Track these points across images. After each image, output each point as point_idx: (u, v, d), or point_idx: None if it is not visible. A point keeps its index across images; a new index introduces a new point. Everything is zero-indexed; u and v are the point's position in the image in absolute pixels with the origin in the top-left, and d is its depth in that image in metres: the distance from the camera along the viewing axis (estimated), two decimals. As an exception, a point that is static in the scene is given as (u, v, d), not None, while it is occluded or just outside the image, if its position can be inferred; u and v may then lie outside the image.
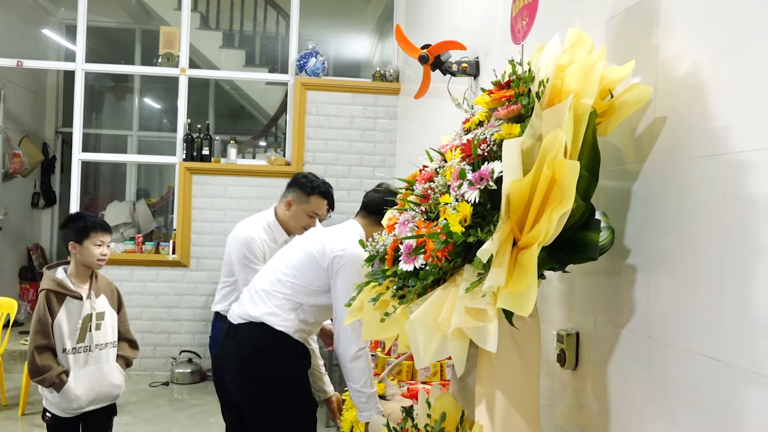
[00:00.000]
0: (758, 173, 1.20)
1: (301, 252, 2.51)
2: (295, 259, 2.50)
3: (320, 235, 2.55)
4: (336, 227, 2.61)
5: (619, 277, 1.64)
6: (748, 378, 1.20)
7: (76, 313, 2.77)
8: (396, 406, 2.47)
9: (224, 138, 6.16)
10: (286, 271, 2.49)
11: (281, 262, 2.55)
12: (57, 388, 2.71)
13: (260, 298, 2.49)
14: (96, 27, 7.00)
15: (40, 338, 2.71)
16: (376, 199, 2.58)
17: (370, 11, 7.94)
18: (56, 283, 2.76)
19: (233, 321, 2.54)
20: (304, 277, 2.45)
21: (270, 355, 2.43)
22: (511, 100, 1.47)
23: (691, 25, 1.42)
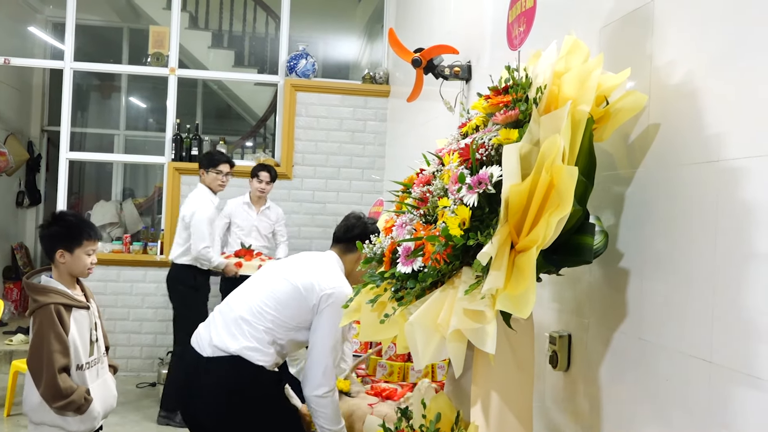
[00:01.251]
0: (750, 180, 1.23)
1: (285, 285, 2.38)
2: (278, 291, 2.37)
3: (307, 268, 2.44)
4: (320, 260, 2.51)
5: (612, 280, 1.67)
6: (739, 380, 1.23)
7: (86, 325, 2.52)
8: (361, 402, 2.48)
9: (213, 138, 6.15)
10: (269, 302, 2.36)
11: (263, 291, 2.40)
12: (83, 411, 2.41)
13: (239, 328, 2.34)
14: (84, 25, 6.95)
15: (62, 358, 2.38)
16: (351, 229, 2.52)
17: (359, 13, 7.95)
18: (62, 295, 2.48)
19: (203, 353, 2.36)
20: (287, 312, 2.34)
21: (249, 389, 2.32)
22: (508, 106, 1.49)
23: (684, 33, 1.46)
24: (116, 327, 5.56)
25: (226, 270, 4.63)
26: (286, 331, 2.34)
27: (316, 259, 2.53)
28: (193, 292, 4.58)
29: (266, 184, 4.98)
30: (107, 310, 5.51)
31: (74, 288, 2.59)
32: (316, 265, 2.47)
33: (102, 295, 5.43)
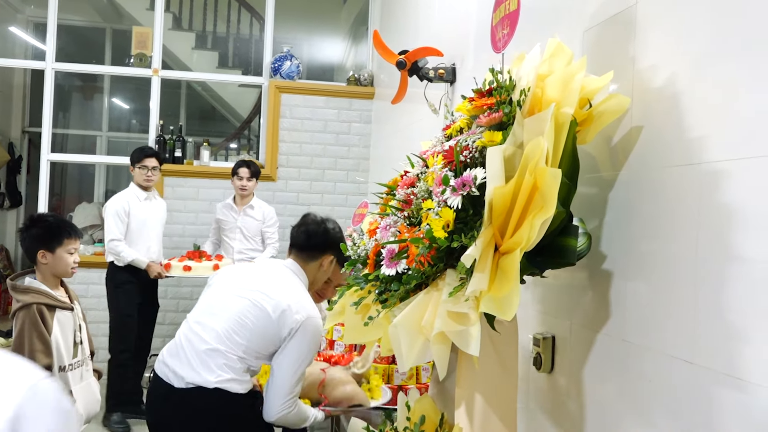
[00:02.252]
0: (731, 183, 1.24)
1: (251, 308, 2.21)
2: (246, 317, 2.20)
3: (271, 288, 2.25)
4: (282, 277, 2.33)
5: (595, 281, 1.67)
6: (721, 381, 1.24)
7: (69, 326, 2.49)
8: (313, 369, 2.45)
9: (197, 140, 6.11)
10: (238, 330, 2.19)
11: (228, 316, 2.22)
12: None
13: (213, 359, 2.18)
14: (66, 25, 6.89)
15: (44, 357, 2.34)
16: (311, 236, 2.40)
17: (344, 15, 7.95)
18: (45, 295, 2.45)
19: (172, 383, 2.20)
20: (260, 342, 2.20)
21: (228, 418, 2.20)
22: (492, 108, 1.50)
23: (666, 37, 1.47)
24: (98, 330, 5.49)
25: (148, 269, 4.52)
26: (257, 359, 2.23)
27: (277, 273, 2.36)
28: (113, 288, 4.53)
29: (247, 180, 4.90)
30: (89, 312, 5.41)
31: (58, 289, 2.57)
32: (279, 283, 2.30)
33: (84, 297, 5.36)
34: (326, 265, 2.43)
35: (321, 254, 2.40)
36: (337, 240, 2.42)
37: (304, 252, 2.39)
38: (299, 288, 2.32)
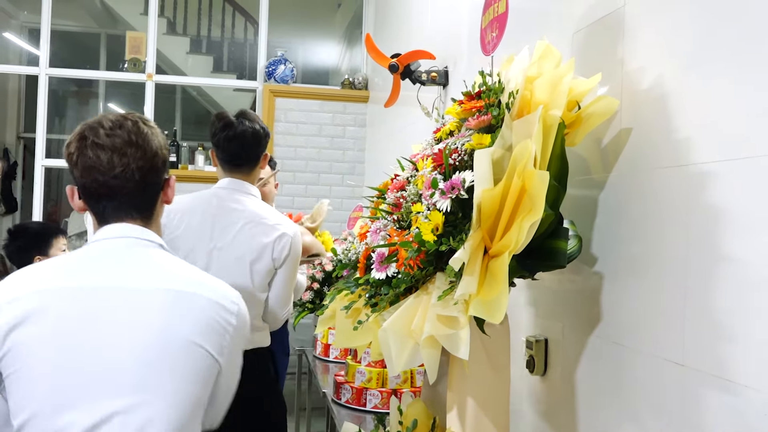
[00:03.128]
0: (719, 184, 1.24)
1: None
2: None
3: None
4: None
5: (587, 284, 1.67)
6: (712, 383, 1.23)
7: None
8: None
9: (191, 144, 6.11)
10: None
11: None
12: None
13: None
14: (60, 31, 6.88)
15: None
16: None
17: (338, 19, 7.95)
18: None
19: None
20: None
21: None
22: (481, 111, 1.50)
23: (655, 39, 1.47)
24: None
25: None
26: None
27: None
28: None
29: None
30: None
31: None
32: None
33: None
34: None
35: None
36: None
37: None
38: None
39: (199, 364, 1.32)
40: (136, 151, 1.37)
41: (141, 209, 1.41)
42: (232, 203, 2.31)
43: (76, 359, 1.26)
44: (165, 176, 1.46)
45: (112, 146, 1.35)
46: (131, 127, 1.39)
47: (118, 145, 1.36)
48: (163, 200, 1.47)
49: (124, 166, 1.35)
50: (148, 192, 1.42)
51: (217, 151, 2.37)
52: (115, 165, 1.35)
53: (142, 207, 1.41)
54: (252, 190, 2.37)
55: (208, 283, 1.40)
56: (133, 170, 1.36)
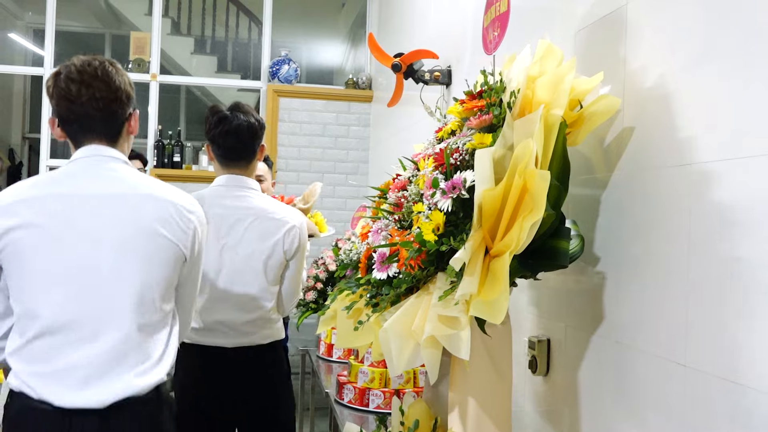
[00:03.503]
0: (722, 183, 1.23)
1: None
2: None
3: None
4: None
5: (589, 284, 1.66)
6: (715, 384, 1.23)
7: None
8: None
9: (196, 144, 6.11)
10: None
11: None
12: None
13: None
14: (64, 31, 6.90)
15: None
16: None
17: (342, 19, 7.95)
18: None
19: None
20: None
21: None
22: (483, 110, 1.49)
23: (657, 37, 1.46)
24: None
25: None
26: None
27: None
28: None
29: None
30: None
31: None
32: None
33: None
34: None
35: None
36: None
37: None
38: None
39: (163, 251, 1.66)
40: (100, 83, 1.66)
41: (107, 133, 1.70)
42: (234, 200, 2.30)
43: (62, 251, 1.59)
44: (129, 110, 1.75)
45: (80, 79, 1.64)
46: (98, 65, 1.68)
47: (86, 78, 1.64)
48: (128, 130, 1.76)
49: (89, 96, 1.64)
50: (112, 120, 1.70)
51: (212, 146, 2.36)
52: (82, 94, 1.64)
53: (108, 132, 1.70)
54: (252, 183, 2.36)
55: (168, 189, 1.73)
56: (97, 99, 1.65)
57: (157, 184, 1.72)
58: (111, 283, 1.60)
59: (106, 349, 1.58)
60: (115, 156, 1.70)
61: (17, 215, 1.58)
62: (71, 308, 1.58)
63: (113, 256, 1.61)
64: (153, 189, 1.70)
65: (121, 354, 1.59)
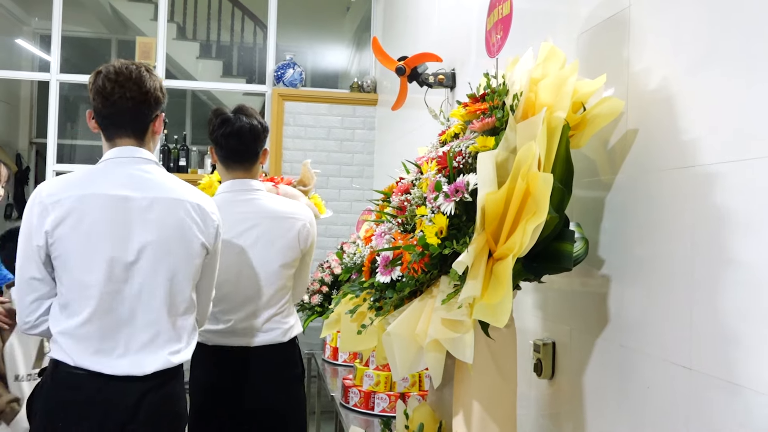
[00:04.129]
0: (726, 186, 1.23)
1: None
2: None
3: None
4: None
5: (593, 286, 1.66)
6: (719, 386, 1.22)
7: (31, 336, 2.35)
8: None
9: (201, 149, 6.13)
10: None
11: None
12: (7, 420, 2.37)
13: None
14: (71, 37, 6.94)
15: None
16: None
17: (347, 22, 7.96)
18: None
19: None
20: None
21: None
22: (485, 113, 1.49)
23: (660, 39, 1.46)
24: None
25: None
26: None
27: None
28: None
29: None
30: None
31: None
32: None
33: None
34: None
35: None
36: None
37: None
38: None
39: (192, 247, 1.93)
40: (132, 85, 1.88)
41: (135, 130, 1.93)
42: (244, 205, 2.33)
43: (102, 245, 1.83)
44: (156, 112, 1.96)
45: (116, 80, 1.87)
46: (134, 69, 1.91)
47: (121, 80, 1.87)
48: (153, 130, 1.98)
49: (121, 95, 1.87)
50: (140, 119, 1.92)
51: (216, 148, 2.38)
52: (115, 92, 1.87)
53: (135, 129, 1.93)
54: (256, 185, 2.39)
55: (195, 193, 1.98)
56: (128, 98, 1.88)
57: (184, 187, 1.97)
58: (147, 278, 1.86)
59: (142, 330, 1.87)
60: (145, 157, 1.93)
61: (62, 211, 1.82)
62: (112, 301, 1.85)
63: (149, 253, 1.86)
64: (182, 192, 1.94)
65: (155, 334, 1.88)
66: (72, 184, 1.86)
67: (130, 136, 1.93)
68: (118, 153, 1.92)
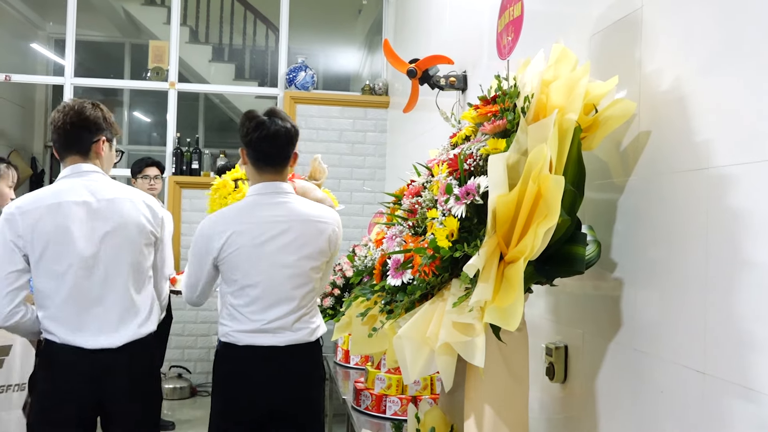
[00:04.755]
0: (739, 187, 1.22)
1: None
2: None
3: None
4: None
5: (606, 290, 1.65)
6: (733, 391, 1.20)
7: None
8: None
9: (213, 151, 6.15)
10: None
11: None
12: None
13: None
14: (85, 41, 7.00)
15: None
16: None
17: (359, 25, 7.97)
18: None
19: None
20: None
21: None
22: (496, 115, 1.48)
23: (673, 40, 1.44)
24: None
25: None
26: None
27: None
28: None
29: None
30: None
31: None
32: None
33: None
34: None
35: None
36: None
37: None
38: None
39: (144, 236, 2.34)
40: (73, 114, 2.29)
41: (78, 150, 2.33)
42: (274, 208, 2.35)
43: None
44: (95, 138, 2.33)
45: (62, 110, 2.32)
46: (79, 103, 2.33)
47: (66, 110, 2.31)
48: (96, 150, 2.34)
49: (63, 121, 2.29)
50: (83, 140, 2.32)
51: (248, 150, 2.40)
52: (60, 120, 2.30)
53: (79, 149, 2.33)
54: (287, 188, 2.42)
55: (140, 193, 2.41)
56: (68, 123, 2.28)
57: (128, 191, 2.37)
58: (109, 265, 2.25)
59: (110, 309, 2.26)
60: (91, 170, 2.32)
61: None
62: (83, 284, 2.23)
63: (109, 245, 2.25)
64: (128, 193, 2.35)
65: (123, 311, 2.28)
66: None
67: (77, 157, 2.33)
68: (67, 172, 2.31)
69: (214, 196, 2.88)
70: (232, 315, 2.31)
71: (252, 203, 2.35)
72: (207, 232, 2.31)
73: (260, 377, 2.31)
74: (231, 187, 2.75)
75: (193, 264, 2.36)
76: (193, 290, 2.40)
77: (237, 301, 2.30)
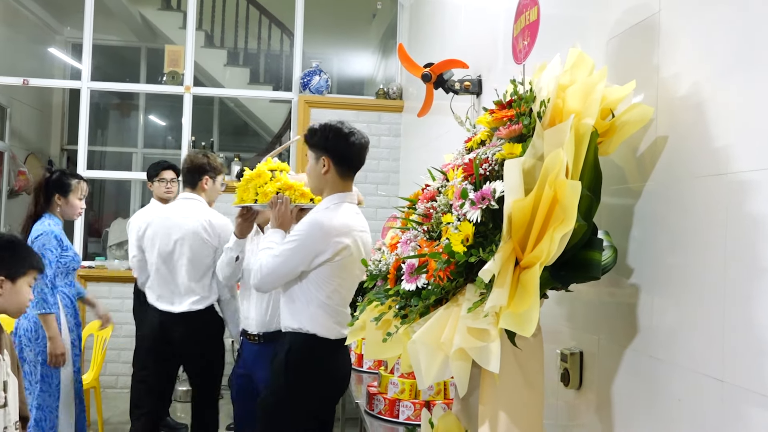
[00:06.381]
0: (760, 193, 1.20)
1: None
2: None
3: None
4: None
5: (622, 296, 1.63)
6: (752, 399, 1.19)
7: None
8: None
9: (228, 155, 6.18)
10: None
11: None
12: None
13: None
14: (102, 45, 7.06)
15: None
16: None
17: (373, 29, 7.99)
18: None
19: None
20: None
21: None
22: (512, 120, 1.48)
23: (691, 44, 1.43)
24: (134, 345, 5.56)
25: None
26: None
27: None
28: (139, 305, 4.44)
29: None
30: (125, 327, 5.51)
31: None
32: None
33: (119, 312, 5.45)
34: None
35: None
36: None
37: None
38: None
39: (205, 246, 3.57)
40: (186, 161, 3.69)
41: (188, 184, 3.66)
42: (362, 217, 2.57)
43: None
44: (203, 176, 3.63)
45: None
46: (192, 153, 3.69)
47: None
48: (201, 186, 3.64)
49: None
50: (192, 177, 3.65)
51: (338, 158, 2.45)
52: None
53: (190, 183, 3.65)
54: (352, 198, 2.54)
55: (206, 213, 3.60)
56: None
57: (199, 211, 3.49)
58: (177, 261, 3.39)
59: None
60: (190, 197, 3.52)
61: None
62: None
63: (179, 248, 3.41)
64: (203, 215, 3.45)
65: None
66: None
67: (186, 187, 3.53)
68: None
69: (247, 186, 2.83)
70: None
71: (352, 211, 2.48)
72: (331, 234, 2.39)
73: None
74: (267, 176, 2.74)
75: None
76: (281, 279, 2.43)
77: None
